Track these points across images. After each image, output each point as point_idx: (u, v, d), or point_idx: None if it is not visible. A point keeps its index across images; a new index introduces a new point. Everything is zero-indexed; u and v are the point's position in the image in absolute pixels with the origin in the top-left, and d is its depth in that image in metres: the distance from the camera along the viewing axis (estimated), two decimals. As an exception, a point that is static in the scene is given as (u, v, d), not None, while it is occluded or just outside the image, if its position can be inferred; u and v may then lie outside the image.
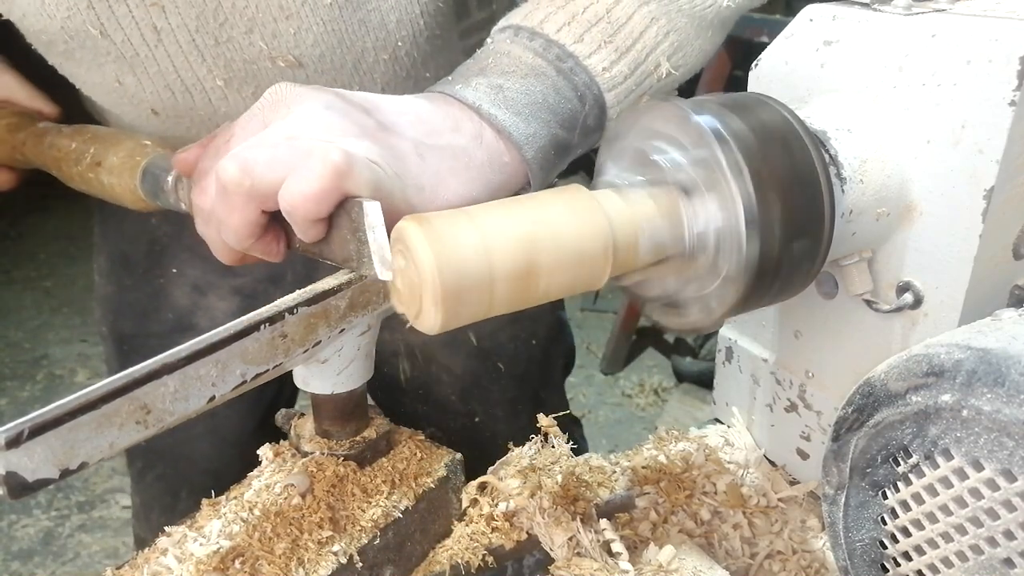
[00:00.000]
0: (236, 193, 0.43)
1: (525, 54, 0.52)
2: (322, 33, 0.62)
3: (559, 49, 0.52)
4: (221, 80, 0.64)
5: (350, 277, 0.44)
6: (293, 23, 0.60)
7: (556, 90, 0.52)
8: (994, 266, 0.47)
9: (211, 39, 0.61)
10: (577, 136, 0.53)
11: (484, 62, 0.52)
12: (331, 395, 0.50)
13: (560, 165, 0.54)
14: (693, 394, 2.52)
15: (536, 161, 0.51)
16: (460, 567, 0.52)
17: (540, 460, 0.59)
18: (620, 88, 0.54)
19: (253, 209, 0.44)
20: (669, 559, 0.52)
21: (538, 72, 0.51)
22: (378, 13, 0.62)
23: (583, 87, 0.53)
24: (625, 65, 0.54)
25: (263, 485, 0.51)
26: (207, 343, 0.38)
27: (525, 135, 0.50)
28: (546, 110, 0.51)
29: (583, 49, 0.52)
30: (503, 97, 0.50)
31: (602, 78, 0.53)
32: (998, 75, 0.42)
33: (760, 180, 0.40)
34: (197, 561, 0.46)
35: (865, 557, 0.43)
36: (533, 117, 0.50)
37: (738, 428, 0.65)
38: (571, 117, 0.52)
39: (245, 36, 0.61)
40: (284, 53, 0.62)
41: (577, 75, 0.52)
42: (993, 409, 0.34)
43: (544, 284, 0.40)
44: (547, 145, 0.51)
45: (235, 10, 0.59)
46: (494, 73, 0.51)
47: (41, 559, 1.95)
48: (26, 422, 0.32)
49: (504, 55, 0.52)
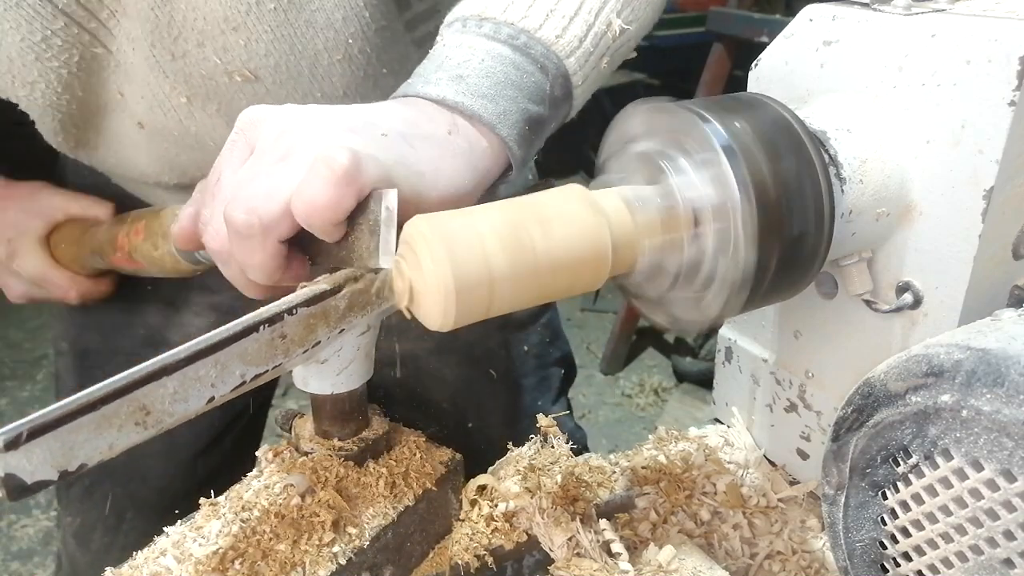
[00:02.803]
0: (250, 236, 0.43)
1: (478, 40, 0.53)
2: (272, 41, 0.62)
3: (509, 28, 0.53)
4: (184, 97, 0.64)
5: (349, 277, 0.44)
6: (242, 34, 0.60)
7: (516, 67, 0.52)
8: (994, 266, 0.46)
9: (167, 54, 0.61)
10: (547, 108, 0.54)
11: (439, 59, 0.52)
12: (331, 395, 0.50)
13: (537, 141, 0.55)
14: (693, 394, 2.53)
15: (512, 138, 0.51)
16: (460, 567, 0.52)
17: (540, 460, 0.59)
18: (578, 52, 0.54)
19: (272, 243, 0.43)
20: (669, 559, 0.52)
21: (494, 54, 0.52)
22: (323, 12, 0.62)
23: (542, 58, 0.53)
24: (577, 28, 0.54)
25: (263, 485, 0.51)
26: (207, 344, 0.38)
27: (495, 114, 0.50)
28: (511, 87, 0.51)
29: (531, 23, 0.53)
30: (466, 85, 0.50)
31: (557, 46, 0.53)
32: (998, 75, 0.42)
33: (760, 181, 0.40)
34: (196, 561, 0.46)
35: (865, 557, 0.43)
36: (500, 96, 0.50)
37: (738, 428, 0.65)
38: (537, 90, 0.53)
39: (198, 50, 0.61)
40: (239, 67, 0.62)
41: (533, 48, 0.53)
42: (993, 409, 0.34)
43: (544, 284, 0.40)
44: (520, 120, 0.51)
45: (186, 23, 0.59)
46: (451, 66, 0.51)
47: (41, 559, 1.95)
48: (25, 424, 0.32)
49: (457, 47, 0.53)
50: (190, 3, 0.59)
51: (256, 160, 0.45)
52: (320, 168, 0.41)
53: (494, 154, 0.51)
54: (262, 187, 0.43)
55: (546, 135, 0.56)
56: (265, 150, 0.45)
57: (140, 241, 0.68)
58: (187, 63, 0.62)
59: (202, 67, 0.62)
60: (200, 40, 0.60)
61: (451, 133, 0.49)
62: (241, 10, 0.59)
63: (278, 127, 0.45)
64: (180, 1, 0.58)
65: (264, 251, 0.44)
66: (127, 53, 0.62)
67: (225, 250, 0.46)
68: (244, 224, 0.42)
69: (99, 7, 0.59)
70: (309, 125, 0.45)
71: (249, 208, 0.42)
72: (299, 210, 0.42)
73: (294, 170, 0.43)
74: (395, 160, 0.45)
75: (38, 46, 0.59)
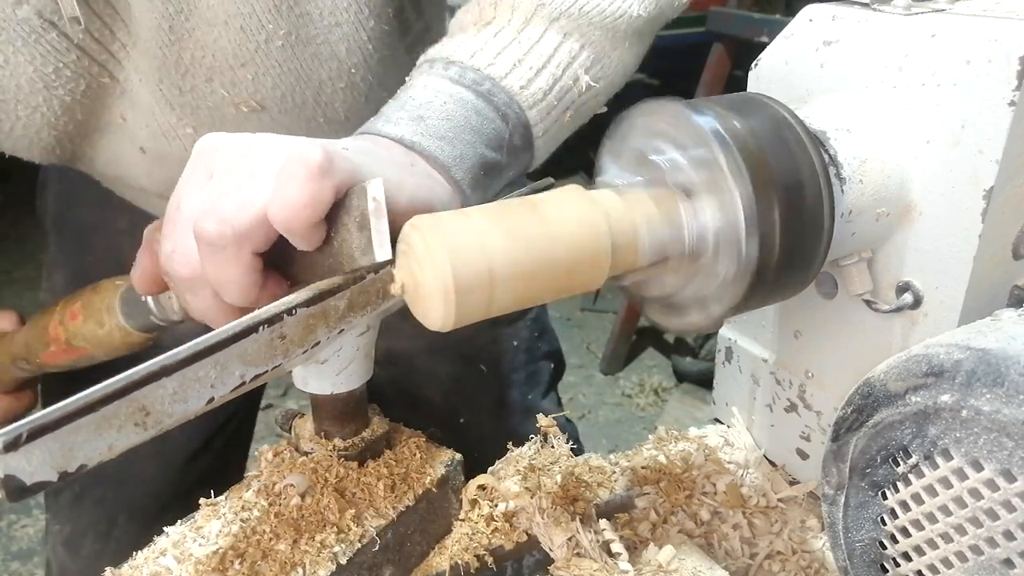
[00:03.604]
0: (223, 247, 0.41)
1: (443, 83, 0.53)
2: (279, 75, 0.62)
3: (475, 73, 0.53)
4: (190, 128, 0.65)
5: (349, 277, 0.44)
6: (250, 69, 0.61)
7: (477, 112, 0.52)
8: (994, 266, 0.46)
9: (175, 89, 0.62)
10: (505, 155, 0.54)
11: (404, 99, 0.53)
12: (330, 395, 0.50)
13: (492, 186, 0.55)
14: (693, 394, 2.53)
15: (466, 181, 0.51)
16: (460, 567, 0.52)
17: (539, 460, 0.59)
18: (541, 105, 0.55)
19: (246, 255, 0.42)
20: (669, 559, 0.52)
21: (457, 98, 0.52)
22: (327, 45, 0.63)
23: (504, 106, 0.53)
24: (543, 81, 0.54)
25: (263, 485, 0.51)
26: (206, 344, 0.38)
27: (452, 157, 0.50)
28: (469, 131, 0.52)
29: (498, 70, 0.53)
30: (425, 127, 0.50)
31: (521, 96, 0.54)
32: (998, 75, 0.42)
33: (759, 181, 0.40)
34: (196, 561, 0.46)
35: (865, 557, 0.43)
36: (458, 140, 0.51)
37: (738, 428, 0.65)
38: (496, 137, 0.53)
39: (206, 85, 0.62)
40: (246, 98, 0.63)
41: (496, 95, 0.53)
42: (992, 409, 0.34)
43: (544, 282, 0.40)
44: (475, 165, 0.52)
45: (194, 61, 0.60)
46: (413, 106, 0.52)
47: (41, 559, 1.95)
48: (24, 425, 0.32)
49: (422, 88, 0.53)
50: (199, 42, 0.59)
51: (220, 180, 0.43)
52: (293, 167, 0.40)
53: (448, 191, 0.51)
54: (233, 200, 0.41)
55: (503, 182, 0.56)
56: (230, 170, 0.43)
57: (79, 324, 0.63)
58: (195, 96, 0.63)
59: (209, 100, 0.63)
60: (209, 76, 0.61)
61: (407, 167, 0.49)
62: (250, 47, 0.60)
63: (240, 149, 0.44)
64: (190, 40, 0.59)
65: (240, 263, 0.42)
66: (134, 83, 0.63)
67: (196, 274, 0.44)
68: (217, 235, 0.40)
69: (111, 39, 0.60)
70: (272, 143, 0.43)
71: (221, 219, 0.40)
72: (277, 214, 0.40)
73: (264, 180, 0.41)
74: (362, 161, 0.44)
75: (48, 76, 0.60)
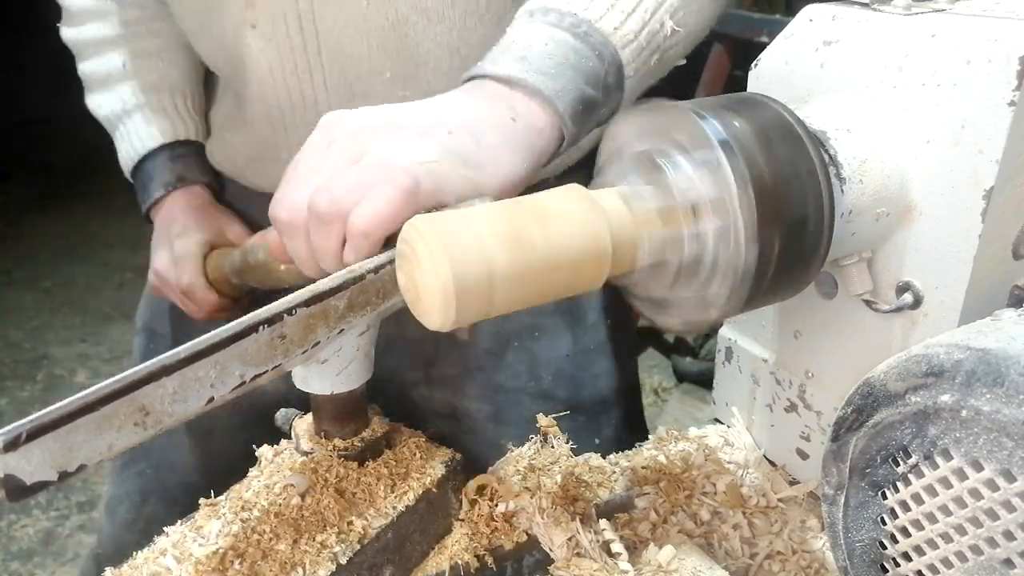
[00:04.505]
0: (329, 222, 0.47)
1: (542, 28, 0.57)
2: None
3: (571, 17, 0.57)
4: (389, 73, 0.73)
5: (349, 277, 0.44)
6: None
7: (576, 51, 0.56)
8: (994, 266, 0.46)
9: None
10: (601, 93, 0.57)
11: (506, 43, 0.57)
12: (331, 395, 0.50)
13: (589, 123, 0.58)
14: (693, 394, 2.52)
15: (568, 115, 0.54)
16: (460, 567, 0.52)
17: (539, 460, 0.59)
18: (632, 45, 0.58)
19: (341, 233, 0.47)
20: (669, 559, 0.52)
21: (556, 39, 0.56)
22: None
23: (600, 46, 0.57)
24: (634, 23, 0.58)
25: (263, 485, 0.51)
26: (206, 344, 0.38)
27: (554, 91, 0.54)
28: (569, 68, 0.55)
29: (592, 14, 0.57)
30: (528, 64, 0.54)
31: (615, 37, 0.57)
32: (998, 75, 0.42)
33: (760, 181, 0.40)
34: (196, 562, 0.46)
35: (865, 557, 0.43)
36: (559, 75, 0.54)
37: (738, 428, 0.65)
38: (594, 74, 0.56)
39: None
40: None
41: (592, 36, 0.56)
42: (992, 409, 0.34)
43: (544, 283, 0.40)
44: (576, 100, 0.55)
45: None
46: (516, 49, 0.55)
47: (41, 559, 1.95)
48: (24, 425, 0.32)
49: (522, 33, 0.57)
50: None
51: (332, 156, 0.49)
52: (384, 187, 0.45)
53: (549, 134, 0.54)
54: (344, 183, 0.47)
55: (597, 119, 0.59)
56: (340, 150, 0.49)
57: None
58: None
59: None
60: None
61: (514, 120, 0.53)
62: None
63: (354, 126, 0.50)
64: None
65: (338, 238, 0.47)
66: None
67: (298, 224, 0.49)
68: (326, 211, 0.46)
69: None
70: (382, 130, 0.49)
71: (333, 199, 0.46)
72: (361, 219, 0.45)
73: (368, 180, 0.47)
74: (453, 162, 0.48)
75: None
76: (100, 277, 3.36)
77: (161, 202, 0.88)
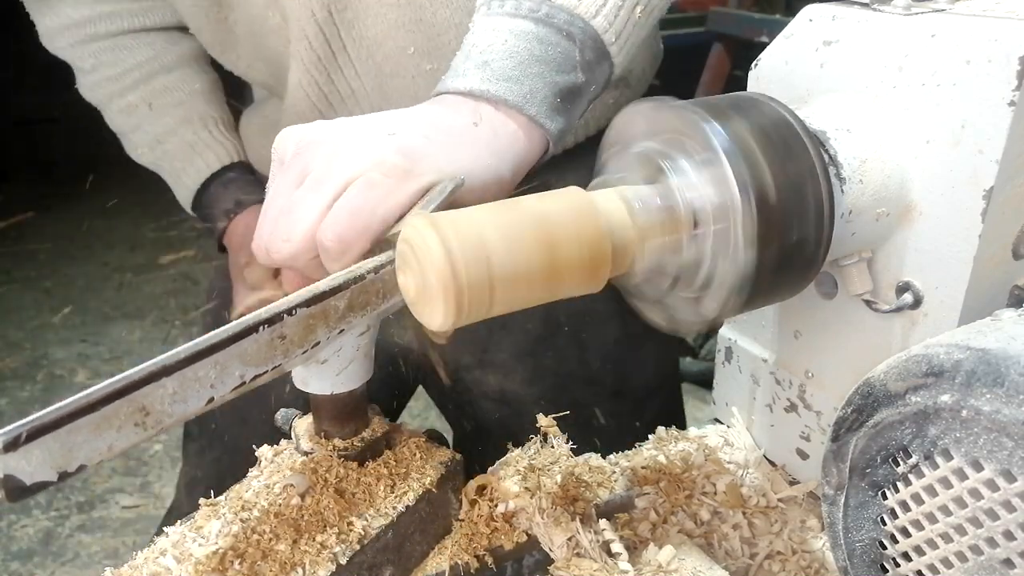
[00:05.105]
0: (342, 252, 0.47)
1: (501, 20, 0.54)
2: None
3: (530, 2, 0.54)
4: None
5: (349, 277, 0.44)
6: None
7: (540, 40, 0.53)
8: (994, 266, 0.46)
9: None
10: (581, 74, 0.55)
11: (468, 47, 0.54)
12: (330, 395, 0.50)
13: (576, 108, 0.56)
14: (693, 394, 2.52)
15: (543, 114, 0.52)
16: (460, 567, 0.52)
17: (539, 460, 0.59)
18: (604, 10, 0.55)
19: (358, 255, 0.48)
20: (669, 559, 0.52)
21: (517, 32, 0.53)
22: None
23: (566, 25, 0.54)
24: None
25: (263, 485, 0.51)
26: (206, 344, 0.38)
27: (521, 95, 0.52)
28: (535, 63, 0.52)
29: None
30: (490, 72, 0.52)
31: (580, 9, 0.54)
32: (997, 75, 0.42)
33: (761, 186, 0.40)
34: (196, 562, 0.46)
35: (865, 557, 0.43)
36: (524, 76, 0.52)
37: (738, 428, 0.65)
38: (566, 59, 0.54)
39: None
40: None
41: (555, 16, 0.54)
42: (992, 409, 0.34)
43: (544, 284, 0.40)
44: (549, 95, 0.53)
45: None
46: (476, 54, 0.53)
47: (41, 559, 1.95)
48: (24, 425, 0.32)
49: (482, 31, 0.54)
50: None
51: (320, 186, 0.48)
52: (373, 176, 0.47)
53: (527, 136, 0.53)
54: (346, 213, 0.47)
55: (587, 99, 0.57)
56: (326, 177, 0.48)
57: None
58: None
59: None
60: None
61: (476, 124, 0.51)
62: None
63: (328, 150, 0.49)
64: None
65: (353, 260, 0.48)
66: None
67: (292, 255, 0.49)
68: (336, 250, 0.47)
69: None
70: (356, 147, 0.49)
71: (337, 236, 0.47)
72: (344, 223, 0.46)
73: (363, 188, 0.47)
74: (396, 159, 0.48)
75: None
76: (100, 277, 3.36)
77: (227, 231, 0.88)
